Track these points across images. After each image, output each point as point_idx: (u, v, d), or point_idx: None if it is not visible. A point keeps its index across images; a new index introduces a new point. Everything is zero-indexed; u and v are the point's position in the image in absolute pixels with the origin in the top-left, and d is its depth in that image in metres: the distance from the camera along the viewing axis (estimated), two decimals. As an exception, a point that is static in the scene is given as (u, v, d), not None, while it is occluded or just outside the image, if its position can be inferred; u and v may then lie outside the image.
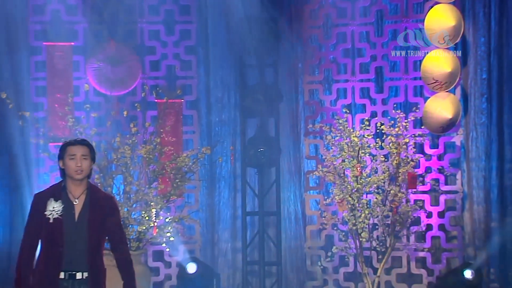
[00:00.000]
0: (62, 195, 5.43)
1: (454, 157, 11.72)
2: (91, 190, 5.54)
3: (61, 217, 5.37)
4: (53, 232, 5.36)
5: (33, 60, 12.17)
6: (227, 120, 12.54)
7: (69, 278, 5.32)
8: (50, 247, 5.35)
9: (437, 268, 11.60)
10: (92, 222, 5.41)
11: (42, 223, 5.39)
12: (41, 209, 5.41)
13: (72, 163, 5.47)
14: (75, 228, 5.38)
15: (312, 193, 12.28)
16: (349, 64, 12.18)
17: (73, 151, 5.50)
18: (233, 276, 12.43)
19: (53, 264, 5.32)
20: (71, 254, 5.35)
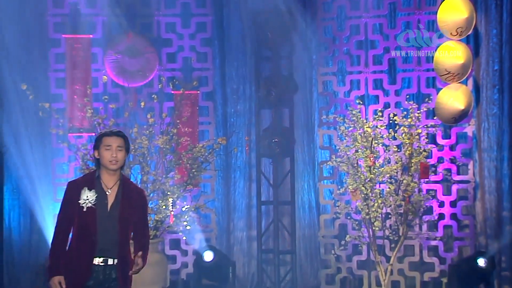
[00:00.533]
0: (95, 185, 5.46)
1: (466, 148, 11.70)
2: (124, 181, 5.57)
3: (95, 207, 5.40)
4: (86, 220, 5.39)
5: (52, 52, 12.23)
6: (242, 111, 12.56)
7: (102, 264, 5.38)
8: (84, 235, 5.39)
9: (449, 257, 11.60)
10: (123, 213, 5.45)
11: (75, 211, 5.42)
12: (75, 197, 5.43)
13: (108, 154, 5.49)
14: (107, 217, 5.42)
15: (326, 183, 12.29)
16: (363, 56, 12.17)
17: (109, 142, 5.52)
18: (248, 264, 12.48)
19: (87, 252, 5.37)
20: (103, 242, 5.40)
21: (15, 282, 12.17)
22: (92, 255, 5.39)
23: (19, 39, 11.91)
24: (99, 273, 5.41)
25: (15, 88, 11.36)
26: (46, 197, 12.24)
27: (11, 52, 11.94)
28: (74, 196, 5.46)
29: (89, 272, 5.39)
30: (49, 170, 12.24)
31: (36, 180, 12.18)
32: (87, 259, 5.38)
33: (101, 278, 5.41)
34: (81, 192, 5.46)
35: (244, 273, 12.45)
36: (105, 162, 5.52)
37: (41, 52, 12.14)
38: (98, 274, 5.42)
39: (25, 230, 12.08)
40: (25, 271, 12.10)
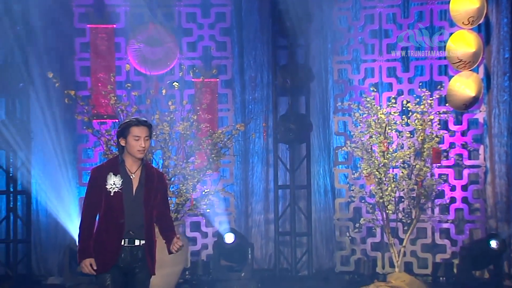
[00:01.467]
0: (120, 170, 5.47)
1: (477, 133, 11.69)
2: (146, 166, 5.58)
3: (121, 191, 5.44)
4: (113, 205, 5.43)
5: (77, 41, 12.29)
6: (260, 98, 12.60)
7: (129, 245, 5.42)
8: (112, 219, 5.43)
9: (460, 239, 11.62)
10: (147, 196, 5.48)
11: (102, 196, 5.44)
12: (101, 182, 5.44)
13: (136, 144, 5.48)
14: (133, 201, 5.45)
15: (341, 168, 12.32)
16: (377, 45, 12.17)
17: (137, 133, 5.50)
18: (265, 246, 12.54)
19: (115, 234, 5.42)
20: (130, 224, 5.44)
21: (43, 262, 12.31)
22: (120, 237, 5.44)
23: (46, 29, 12.00)
24: (126, 253, 5.45)
25: (42, 76, 11.45)
26: (71, 181, 12.35)
27: (38, 42, 12.04)
28: (100, 182, 5.48)
29: (117, 254, 5.43)
30: (74, 155, 12.35)
31: (62, 165, 12.30)
32: (116, 241, 5.43)
33: (129, 259, 5.45)
34: (107, 178, 5.47)
35: (261, 255, 12.53)
36: (132, 151, 5.51)
37: (66, 42, 12.22)
38: (126, 255, 5.45)
39: (52, 213, 12.18)
40: (52, 251, 12.23)
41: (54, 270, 12.15)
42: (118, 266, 5.43)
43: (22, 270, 12.01)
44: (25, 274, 11.98)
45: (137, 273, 5.48)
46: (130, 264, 5.46)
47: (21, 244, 12.04)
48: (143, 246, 5.48)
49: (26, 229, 12.05)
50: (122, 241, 5.43)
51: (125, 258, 5.44)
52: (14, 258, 11.97)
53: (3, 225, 12.05)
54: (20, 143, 11.88)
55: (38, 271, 12.21)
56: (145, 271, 5.51)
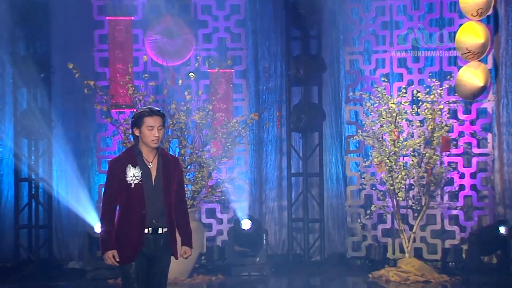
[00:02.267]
0: (138, 161, 5.41)
1: (486, 122, 11.68)
2: (161, 154, 5.53)
3: (141, 182, 5.37)
4: (135, 196, 5.37)
5: (96, 33, 12.35)
6: (274, 88, 12.62)
7: (152, 233, 5.39)
8: (133, 210, 5.39)
9: (469, 225, 11.63)
10: (166, 184, 5.44)
11: (122, 188, 5.38)
12: (120, 175, 5.38)
13: (150, 134, 5.40)
14: (153, 191, 5.41)
15: (352, 156, 12.34)
16: (388, 36, 12.17)
17: (151, 123, 5.42)
18: (279, 232, 12.58)
19: (138, 225, 5.38)
20: (152, 214, 5.39)
21: (63, 247, 12.39)
22: (143, 228, 5.39)
23: (66, 21, 12.05)
24: (150, 242, 5.41)
25: (63, 67, 11.50)
26: (91, 169, 12.44)
27: (59, 34, 12.09)
28: (119, 174, 5.41)
29: (140, 244, 5.39)
30: (93, 143, 12.43)
31: (82, 153, 12.38)
32: (138, 232, 5.38)
33: (152, 247, 5.41)
34: (126, 170, 5.40)
35: (275, 240, 12.57)
36: (147, 141, 5.43)
37: (86, 34, 12.28)
38: (149, 243, 5.40)
39: (72, 199, 12.24)
40: (72, 236, 12.31)
41: (74, 255, 12.24)
42: (142, 254, 5.40)
43: (44, 254, 12.09)
44: (46, 258, 12.06)
45: (160, 259, 5.46)
46: (154, 252, 5.43)
47: (43, 230, 12.13)
48: (165, 233, 5.45)
49: (48, 215, 12.13)
50: (145, 231, 5.40)
51: (148, 246, 5.40)
52: (36, 243, 12.05)
53: (25, 211, 12.13)
54: (42, 131, 11.95)
55: (59, 256, 12.31)
56: (167, 257, 5.49)
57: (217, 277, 11.19)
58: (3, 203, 12.24)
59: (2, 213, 12.21)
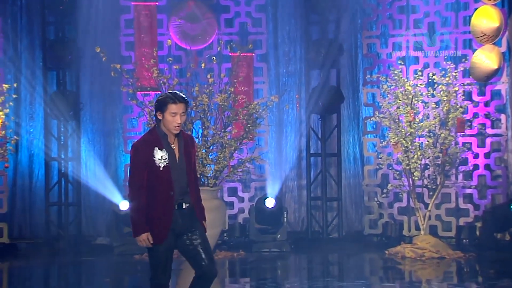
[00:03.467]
0: (163, 143, 5.37)
1: (500, 104, 11.60)
2: (179, 133, 5.46)
3: (169, 165, 5.34)
4: (163, 179, 5.33)
5: (122, 18, 12.40)
6: (293, 71, 12.61)
7: (178, 209, 5.35)
8: (162, 192, 5.36)
9: (482, 203, 11.59)
10: (188, 163, 5.43)
11: (149, 170, 5.33)
12: (147, 157, 5.32)
13: (173, 120, 5.35)
14: (179, 172, 5.39)
15: (370, 137, 12.33)
16: (404, 20, 12.11)
17: (174, 110, 5.35)
18: (298, 210, 12.62)
19: (166, 206, 5.34)
20: (178, 193, 5.37)
21: (92, 223, 12.49)
22: (171, 208, 5.37)
23: (94, 7, 12.08)
24: (176, 218, 5.38)
25: (91, 51, 11.55)
26: (117, 149, 12.52)
27: (86, 19, 12.13)
28: (146, 157, 5.34)
29: (170, 222, 5.36)
30: (120, 124, 12.50)
31: (108, 133, 12.45)
32: (167, 211, 5.35)
33: (180, 221, 5.38)
34: (154, 153, 5.34)
35: (295, 218, 12.61)
36: (169, 126, 5.37)
37: (112, 18, 12.31)
38: (177, 219, 5.37)
39: (99, 178, 12.33)
40: (100, 213, 12.39)
41: (102, 231, 12.32)
42: (171, 232, 5.38)
43: (73, 231, 12.20)
44: (75, 234, 12.17)
45: (193, 231, 5.43)
46: (182, 226, 5.40)
47: (72, 207, 12.23)
48: (189, 207, 5.43)
49: (76, 193, 12.23)
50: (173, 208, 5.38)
51: (176, 223, 5.38)
52: (66, 220, 12.16)
53: (55, 190, 12.24)
54: (70, 113, 12.03)
55: (88, 232, 12.41)
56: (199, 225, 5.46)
57: (238, 253, 11.26)
58: (34, 182, 12.35)
59: (33, 191, 12.32)
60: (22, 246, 11.90)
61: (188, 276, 5.74)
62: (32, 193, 12.30)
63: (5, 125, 10.94)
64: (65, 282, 9.91)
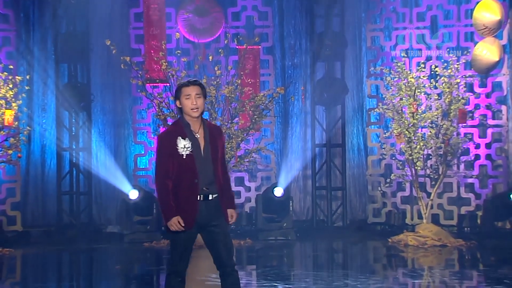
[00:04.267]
0: (186, 133, 5.33)
1: (501, 95, 11.60)
2: (205, 123, 5.43)
3: (192, 153, 5.31)
4: (187, 166, 5.30)
5: (132, 12, 12.40)
6: (299, 63, 12.61)
7: (204, 200, 5.31)
8: (187, 180, 5.33)
9: (484, 193, 11.60)
10: (214, 153, 5.37)
11: (174, 159, 5.32)
12: (171, 147, 5.30)
13: (188, 102, 5.32)
14: (203, 160, 5.32)
15: (373, 128, 12.33)
16: (407, 13, 12.09)
17: (187, 92, 5.33)
18: (304, 199, 12.64)
19: (191, 193, 5.31)
20: (203, 182, 5.32)
21: (102, 212, 12.53)
22: (196, 196, 5.33)
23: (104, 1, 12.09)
24: (202, 208, 5.34)
25: (101, 44, 11.57)
26: (127, 139, 12.54)
27: (97, 13, 12.14)
28: (170, 147, 5.32)
29: (196, 211, 5.33)
30: (130, 115, 12.52)
31: (118, 124, 12.47)
32: (193, 199, 5.32)
33: (205, 213, 5.34)
34: (177, 142, 5.30)
35: (300, 207, 12.63)
36: (187, 110, 5.33)
37: (122, 12, 12.33)
38: (202, 209, 5.33)
39: (109, 168, 12.37)
40: (110, 202, 12.44)
41: (112, 219, 12.37)
42: (195, 222, 5.35)
43: (84, 219, 12.24)
44: (87, 222, 12.21)
45: (216, 225, 5.39)
46: (207, 218, 5.37)
47: (83, 196, 12.27)
48: (216, 198, 5.37)
49: (87, 183, 12.27)
50: (198, 198, 5.33)
51: (201, 213, 5.35)
52: (77, 208, 12.20)
53: (67, 179, 12.27)
54: (81, 104, 12.06)
55: (99, 220, 12.45)
56: (222, 221, 5.41)
57: (245, 241, 11.29)
58: (47, 171, 12.39)
59: (46, 180, 12.36)
60: (35, 233, 11.93)
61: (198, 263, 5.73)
62: (44, 183, 12.35)
63: (18, 116, 10.96)
64: (77, 269, 9.96)
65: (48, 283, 8.27)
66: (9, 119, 10.69)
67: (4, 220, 11.81)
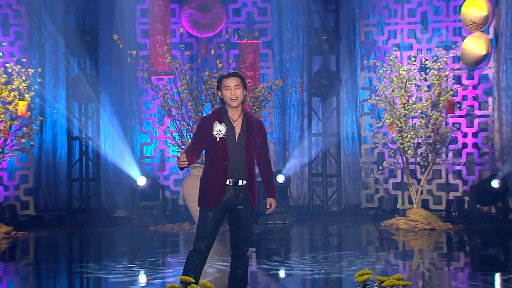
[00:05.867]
0: (224, 119, 5.39)
1: (487, 87, 11.64)
2: (246, 115, 5.46)
3: (225, 137, 5.35)
4: (219, 149, 5.36)
5: (138, 8, 12.43)
6: (296, 57, 12.62)
7: (233, 185, 5.32)
8: (218, 162, 5.37)
9: (470, 179, 11.65)
10: (248, 141, 5.38)
11: (209, 141, 5.37)
12: (208, 129, 5.38)
13: (228, 93, 5.36)
14: (236, 146, 5.36)
15: (366, 118, 12.37)
16: (399, 9, 12.11)
17: (227, 83, 5.38)
18: (301, 186, 12.67)
19: (221, 175, 5.34)
20: (234, 166, 5.34)
21: (110, 197, 12.56)
22: (225, 178, 5.34)
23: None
24: (231, 192, 5.35)
25: (109, 39, 11.58)
26: (133, 129, 12.57)
27: (105, 9, 12.14)
28: (206, 128, 5.40)
29: (223, 192, 5.35)
30: (136, 106, 12.54)
31: (125, 115, 12.49)
32: (222, 181, 5.35)
33: (233, 197, 5.35)
34: (213, 126, 5.36)
35: (297, 193, 12.67)
36: (227, 100, 5.37)
37: (129, 8, 12.33)
38: (230, 193, 5.34)
39: (117, 155, 12.40)
40: (118, 188, 12.47)
41: (120, 205, 12.39)
42: (222, 204, 5.38)
43: (93, 204, 12.28)
44: (96, 207, 12.25)
45: (240, 209, 5.39)
46: (234, 202, 5.37)
47: (92, 182, 12.31)
48: (245, 186, 5.37)
49: (96, 170, 12.30)
50: (227, 181, 5.35)
51: (229, 196, 5.36)
52: (87, 194, 12.24)
53: (76, 166, 12.31)
54: (90, 96, 12.07)
55: (107, 205, 12.49)
56: (247, 207, 5.41)
57: (245, 224, 11.30)
58: (58, 159, 12.42)
59: (57, 168, 12.40)
60: (47, 217, 11.98)
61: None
62: (55, 169, 12.38)
63: (30, 107, 10.99)
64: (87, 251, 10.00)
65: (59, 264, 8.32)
66: (22, 109, 10.71)
67: (18, 205, 11.89)
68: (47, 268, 8.08)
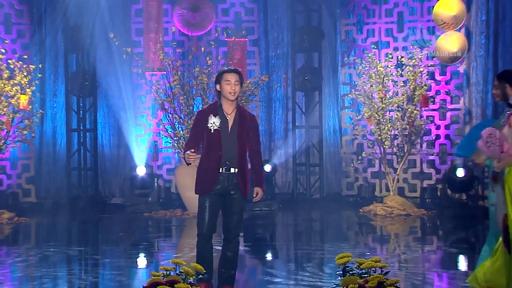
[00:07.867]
0: (219, 112, 5.45)
1: (459, 82, 11.68)
2: (239, 109, 5.52)
3: (219, 129, 5.41)
4: (213, 140, 5.43)
5: (133, 7, 12.37)
6: (281, 54, 12.61)
7: (226, 171, 5.39)
8: (212, 152, 5.45)
9: (443, 168, 11.69)
10: (240, 133, 5.44)
11: (204, 132, 5.44)
12: (203, 121, 5.44)
13: (228, 87, 5.41)
14: (228, 137, 5.42)
15: (347, 111, 12.39)
16: (377, 10, 12.13)
17: (228, 78, 5.43)
18: (285, 175, 12.67)
19: (215, 163, 5.41)
20: (227, 156, 5.41)
21: (107, 186, 12.53)
22: (219, 166, 5.43)
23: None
24: (224, 179, 5.43)
25: (105, 37, 11.54)
26: (129, 121, 12.52)
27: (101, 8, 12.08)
28: (202, 121, 5.46)
29: (217, 179, 5.42)
30: (131, 100, 12.50)
31: (121, 108, 12.45)
32: (215, 169, 5.43)
33: (226, 184, 5.42)
34: (208, 118, 5.42)
35: (282, 182, 12.68)
36: (225, 93, 5.41)
37: (124, 8, 12.28)
38: (224, 180, 5.42)
39: (114, 146, 12.41)
40: (114, 177, 12.43)
41: (116, 192, 12.38)
42: (217, 190, 5.44)
43: (91, 192, 12.24)
44: (93, 195, 12.21)
45: (233, 195, 5.46)
46: (227, 188, 5.43)
47: (90, 172, 12.26)
48: (237, 173, 5.44)
49: (94, 160, 12.24)
50: (220, 169, 5.43)
51: (222, 183, 5.43)
52: (85, 182, 12.20)
53: (75, 157, 12.26)
54: (88, 90, 12.04)
55: (104, 193, 12.45)
56: (239, 194, 5.47)
57: (233, 211, 11.30)
58: (57, 150, 12.37)
59: (57, 158, 12.35)
60: (47, 204, 11.95)
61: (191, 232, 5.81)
62: (55, 159, 12.33)
63: (31, 101, 10.96)
64: (85, 236, 10.00)
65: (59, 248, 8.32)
66: (24, 103, 10.70)
67: (20, 192, 11.87)
68: (47, 252, 8.08)
